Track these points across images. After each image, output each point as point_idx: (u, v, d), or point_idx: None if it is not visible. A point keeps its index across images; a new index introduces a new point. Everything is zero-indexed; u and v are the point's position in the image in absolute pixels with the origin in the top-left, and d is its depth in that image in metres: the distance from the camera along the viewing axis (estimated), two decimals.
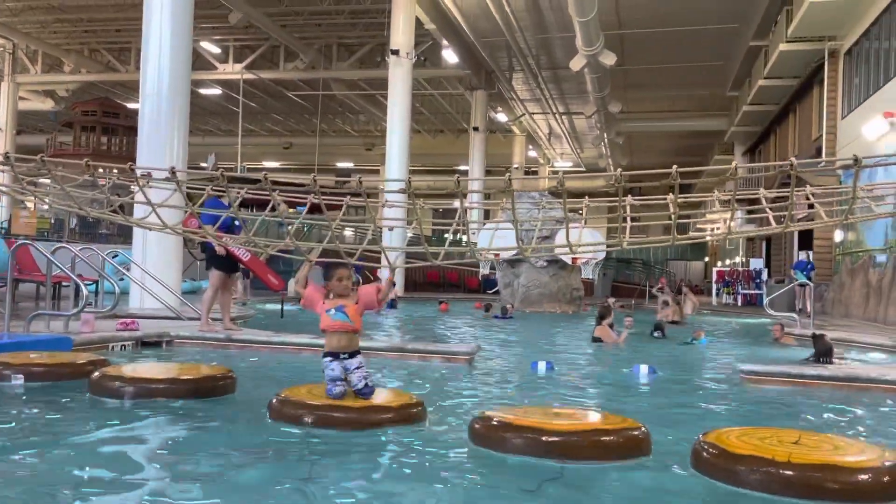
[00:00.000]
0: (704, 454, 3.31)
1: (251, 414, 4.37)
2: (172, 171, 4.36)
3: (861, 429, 4.77)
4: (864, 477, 2.99)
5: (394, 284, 4.89)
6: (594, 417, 4.02)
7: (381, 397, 4.28)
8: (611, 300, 18.93)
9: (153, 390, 4.67)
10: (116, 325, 7.81)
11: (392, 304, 15.49)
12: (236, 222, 7.42)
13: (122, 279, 11.16)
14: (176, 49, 11.63)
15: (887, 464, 3.08)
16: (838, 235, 18.81)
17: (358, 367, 4.21)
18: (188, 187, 5.60)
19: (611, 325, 9.97)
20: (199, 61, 27.92)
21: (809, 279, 15.77)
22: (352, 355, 4.24)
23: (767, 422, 4.83)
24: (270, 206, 4.47)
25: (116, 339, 7.21)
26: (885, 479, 3.01)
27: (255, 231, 5.25)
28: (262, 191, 4.51)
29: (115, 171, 5.16)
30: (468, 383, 6.09)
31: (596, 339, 9.68)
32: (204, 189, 5.08)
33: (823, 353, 7.22)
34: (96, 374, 4.86)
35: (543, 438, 3.45)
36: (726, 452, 3.21)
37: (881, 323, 15.16)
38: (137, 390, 4.65)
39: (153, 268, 10.60)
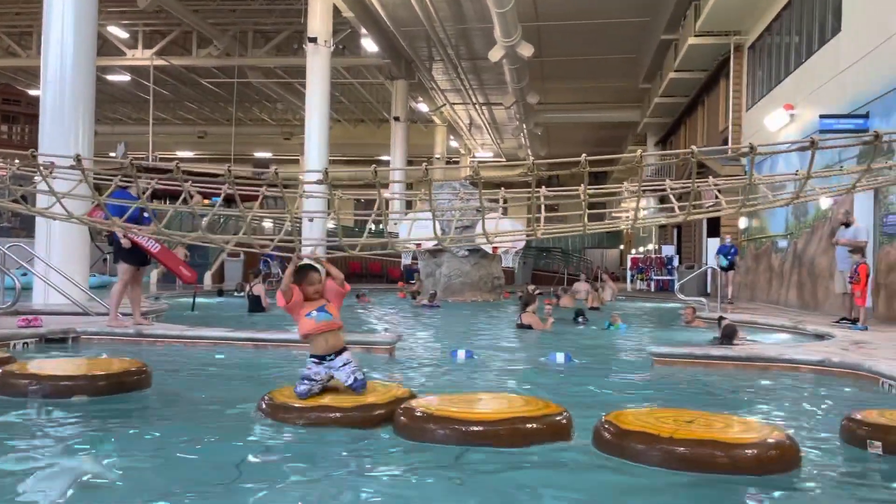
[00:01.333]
0: (603, 433, 3.45)
1: (170, 408, 4.28)
2: (77, 159, 4.19)
3: (759, 404, 5.03)
4: (740, 452, 3.15)
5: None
6: (518, 403, 4.00)
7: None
8: (530, 287, 19.30)
9: (62, 388, 4.50)
10: (17, 322, 7.45)
11: None
12: (145, 214, 7.18)
13: (24, 274, 10.65)
14: (80, 33, 11.15)
15: (768, 440, 3.26)
16: (743, 222, 19.68)
17: (344, 365, 4.12)
18: (95, 177, 5.38)
19: (533, 311, 10.26)
20: (106, 46, 26.80)
21: (733, 263, 16.38)
22: (338, 354, 4.14)
23: (677, 400, 5.05)
24: (182, 197, 4.35)
25: (18, 336, 6.90)
26: (766, 453, 3.18)
27: (169, 223, 5.10)
28: (174, 181, 4.38)
29: (17, 160, 4.91)
30: (388, 373, 6.10)
31: (523, 326, 9.89)
32: (111, 179, 4.90)
33: (728, 335, 7.57)
34: None
35: (465, 428, 3.48)
36: (620, 430, 3.36)
37: (783, 305, 15.99)
38: (46, 388, 4.47)
39: (58, 262, 10.17)
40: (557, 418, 3.67)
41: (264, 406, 4.06)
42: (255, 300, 12.73)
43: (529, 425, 3.54)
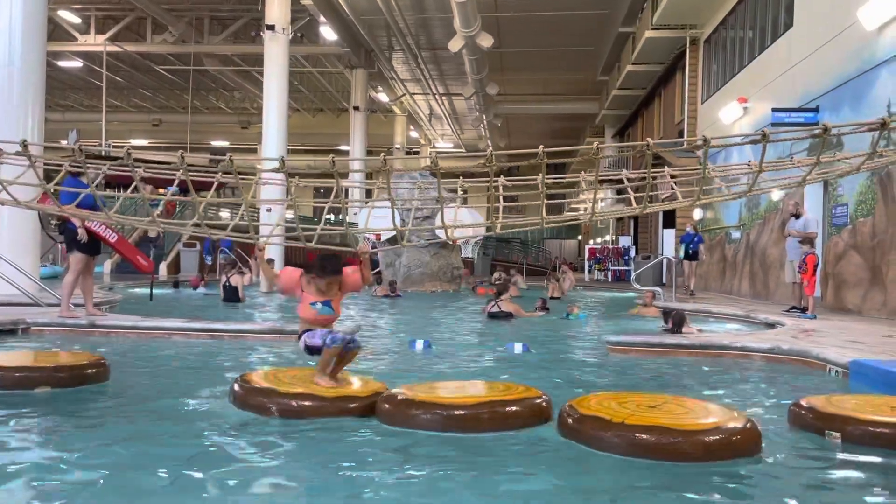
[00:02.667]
0: (566, 418, 3.51)
1: (129, 403, 4.22)
2: (24, 144, 4.09)
3: (712, 390, 5.14)
4: (682, 440, 3.17)
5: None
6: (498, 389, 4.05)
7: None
8: (495, 276, 19.43)
9: (16, 380, 4.39)
10: None
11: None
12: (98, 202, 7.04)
13: None
14: (29, 17, 10.91)
15: (722, 427, 3.27)
16: (698, 213, 20.04)
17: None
18: (46, 164, 5.26)
19: (507, 299, 10.47)
20: (57, 31, 26.07)
21: (697, 252, 16.60)
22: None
23: (632, 388, 5.13)
24: (133, 185, 4.28)
25: None
26: (721, 439, 3.21)
27: (126, 210, 5.01)
28: (125, 168, 4.30)
29: None
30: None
31: (504, 315, 9.92)
32: (62, 166, 4.79)
33: (677, 323, 7.73)
34: None
35: (449, 412, 3.54)
36: (580, 415, 3.43)
37: (735, 294, 16.35)
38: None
39: (7, 251, 9.90)
40: (538, 401, 3.76)
41: (237, 389, 4.05)
42: (233, 291, 12.51)
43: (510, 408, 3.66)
